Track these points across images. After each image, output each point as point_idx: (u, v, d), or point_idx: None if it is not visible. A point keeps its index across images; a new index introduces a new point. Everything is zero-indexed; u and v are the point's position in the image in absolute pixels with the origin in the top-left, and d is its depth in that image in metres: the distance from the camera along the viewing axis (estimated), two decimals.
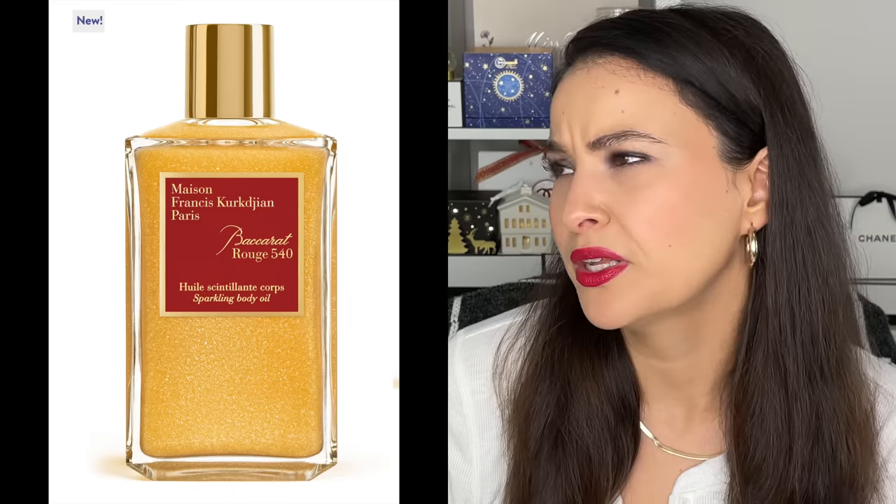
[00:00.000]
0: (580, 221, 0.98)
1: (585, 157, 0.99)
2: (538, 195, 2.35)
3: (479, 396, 1.11)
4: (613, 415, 1.06)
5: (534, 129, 2.25)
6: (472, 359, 1.12)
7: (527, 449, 1.07)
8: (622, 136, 0.97)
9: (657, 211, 0.97)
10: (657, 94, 0.98)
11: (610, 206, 0.98)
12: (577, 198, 0.98)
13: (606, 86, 0.99)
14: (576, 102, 1.00)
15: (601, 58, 1.00)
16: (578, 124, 0.99)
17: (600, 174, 0.98)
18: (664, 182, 0.97)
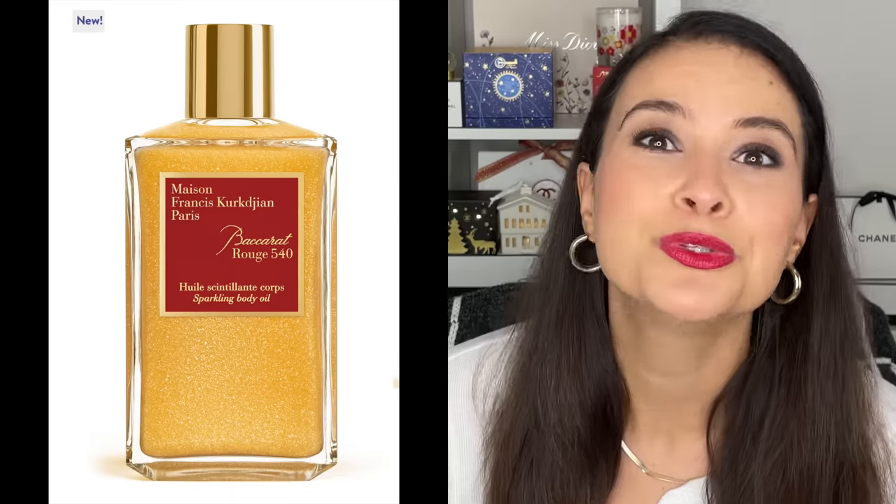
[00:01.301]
0: (715, 203, 0.92)
1: (718, 133, 0.93)
2: (538, 195, 2.35)
3: (459, 419, 1.10)
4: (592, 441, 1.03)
5: (534, 129, 2.25)
6: (453, 381, 1.10)
7: (504, 469, 1.05)
8: (777, 125, 0.94)
9: (780, 217, 0.94)
10: (793, 107, 0.96)
11: (735, 197, 0.93)
12: (715, 178, 0.92)
13: (759, 77, 0.95)
14: (720, 74, 0.95)
15: (746, 48, 0.96)
16: (723, 99, 0.94)
17: (726, 160, 0.94)
18: (787, 191, 0.95)
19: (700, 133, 0.94)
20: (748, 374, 1.01)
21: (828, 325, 0.99)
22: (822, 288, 0.99)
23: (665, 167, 0.93)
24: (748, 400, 1.01)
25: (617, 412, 1.03)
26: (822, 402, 0.99)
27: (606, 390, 1.03)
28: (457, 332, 1.31)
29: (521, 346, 1.06)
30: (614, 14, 2.24)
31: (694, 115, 0.94)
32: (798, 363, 0.99)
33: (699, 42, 0.97)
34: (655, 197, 0.93)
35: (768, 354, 1.01)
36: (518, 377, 1.06)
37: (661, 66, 0.97)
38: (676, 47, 0.97)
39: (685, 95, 0.94)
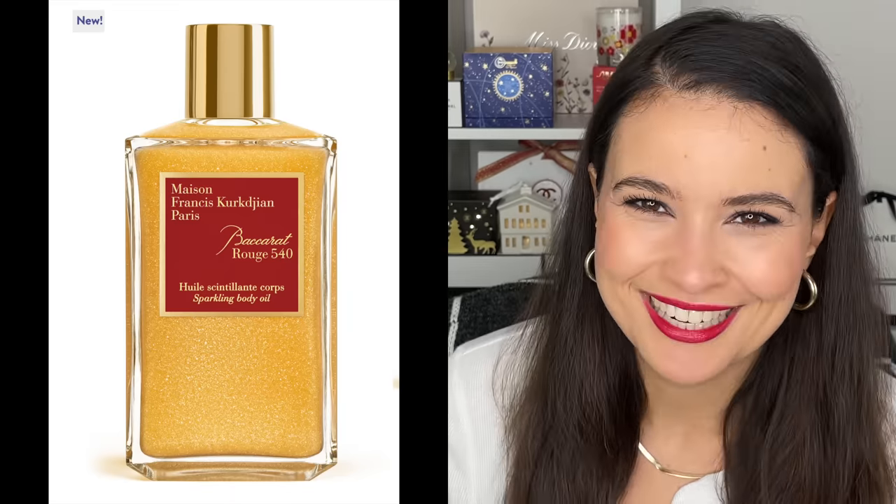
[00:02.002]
0: (706, 287, 0.91)
1: (707, 211, 0.91)
2: (538, 195, 2.35)
3: (476, 413, 1.11)
4: (614, 433, 1.04)
5: (534, 129, 2.25)
6: (470, 375, 1.12)
7: (525, 459, 1.06)
8: (769, 199, 0.91)
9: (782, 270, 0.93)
10: (793, 157, 0.92)
11: (731, 266, 0.92)
12: (703, 262, 0.91)
13: (753, 139, 0.90)
14: (710, 150, 0.89)
15: (742, 102, 0.90)
16: (710, 176, 0.89)
17: (716, 230, 0.91)
18: (788, 241, 0.93)
19: (690, 211, 0.91)
20: (761, 370, 1.01)
21: (843, 324, 0.99)
22: (838, 287, 0.98)
23: (655, 231, 0.93)
24: (759, 393, 1.01)
25: (636, 408, 1.04)
26: (835, 400, 0.99)
27: (629, 386, 1.04)
28: (457, 332, 1.31)
29: (542, 341, 1.07)
30: (614, 14, 2.23)
31: (682, 195, 0.91)
32: (811, 360, 0.99)
33: (689, 97, 0.91)
34: (644, 262, 0.93)
35: (780, 349, 1.00)
36: (540, 371, 1.06)
37: (649, 131, 0.92)
38: (667, 104, 0.91)
39: (672, 177, 0.91)
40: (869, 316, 0.99)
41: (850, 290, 0.98)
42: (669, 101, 0.92)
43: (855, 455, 0.99)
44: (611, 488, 1.04)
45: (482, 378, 1.11)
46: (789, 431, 0.99)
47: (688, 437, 1.05)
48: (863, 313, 0.99)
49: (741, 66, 0.91)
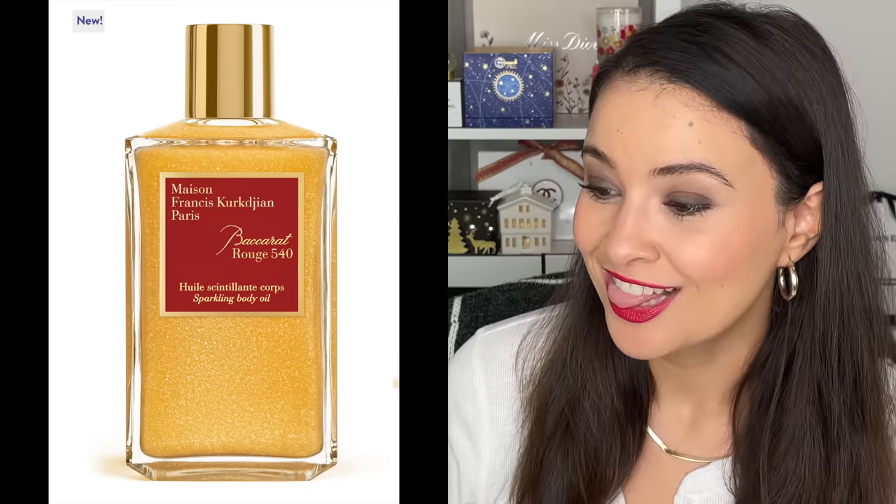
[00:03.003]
0: (629, 260, 0.95)
1: (641, 185, 0.95)
2: (538, 195, 2.36)
3: (493, 390, 1.13)
4: (624, 410, 1.07)
5: (534, 129, 2.26)
6: (490, 353, 1.14)
7: (541, 432, 1.08)
8: (698, 168, 0.94)
9: (715, 255, 0.95)
10: (730, 136, 0.94)
11: (662, 244, 0.95)
12: (629, 233, 0.95)
13: (678, 116, 0.94)
14: (638, 126, 0.95)
15: (671, 83, 0.94)
16: (641, 150, 0.95)
17: (653, 206, 0.95)
18: (724, 227, 0.95)
19: (625, 183, 0.96)
20: (767, 358, 1.02)
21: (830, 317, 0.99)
22: (823, 280, 0.99)
23: (605, 210, 0.98)
24: (764, 382, 1.02)
25: (644, 389, 1.07)
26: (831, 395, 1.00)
27: (637, 369, 1.07)
28: (457, 332, 1.31)
29: (561, 323, 1.09)
30: (614, 14, 2.23)
31: (617, 165, 0.96)
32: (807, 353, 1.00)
33: (628, 79, 0.96)
34: (595, 239, 0.99)
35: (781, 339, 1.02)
36: (557, 351, 1.09)
37: (600, 108, 0.98)
38: (613, 86, 0.97)
39: (610, 148, 0.96)
40: (861, 311, 1.00)
41: (838, 284, 0.99)
42: (615, 84, 0.97)
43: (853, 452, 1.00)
44: (618, 464, 1.06)
45: (502, 357, 1.13)
46: (787, 425, 1.00)
47: (695, 420, 1.07)
48: (853, 308, 1.00)
49: (678, 51, 0.95)
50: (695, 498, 1.05)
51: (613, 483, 1.06)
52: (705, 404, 1.06)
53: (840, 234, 0.99)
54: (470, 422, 1.14)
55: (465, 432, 1.14)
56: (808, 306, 1.00)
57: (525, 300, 1.31)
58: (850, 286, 0.99)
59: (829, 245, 0.99)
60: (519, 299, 1.32)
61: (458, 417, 1.14)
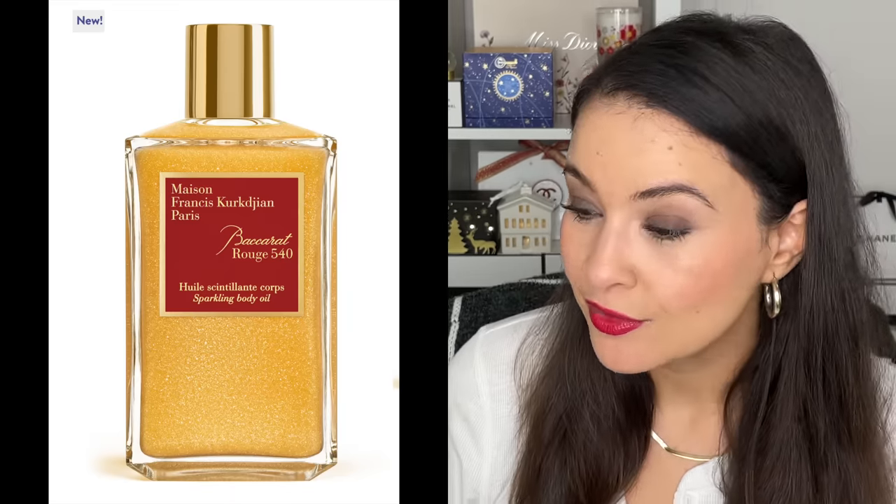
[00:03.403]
0: (609, 285, 0.95)
1: (621, 208, 0.94)
2: (538, 195, 2.35)
3: (495, 388, 1.13)
4: (626, 418, 1.07)
5: (534, 129, 2.25)
6: (492, 352, 1.14)
7: (538, 439, 1.08)
8: (679, 189, 0.93)
9: (693, 282, 0.94)
10: (710, 161, 0.93)
11: (640, 269, 0.95)
12: (609, 257, 0.94)
13: (657, 140, 0.93)
14: (617, 150, 0.94)
15: (648, 108, 0.93)
16: (620, 174, 0.94)
17: (633, 231, 0.95)
18: (703, 252, 0.94)
19: (606, 206, 0.95)
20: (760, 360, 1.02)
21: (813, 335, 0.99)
22: (807, 299, 0.99)
23: (585, 237, 0.97)
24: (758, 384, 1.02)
25: (645, 393, 1.07)
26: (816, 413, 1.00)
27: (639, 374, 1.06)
28: (457, 332, 1.31)
29: (560, 324, 1.09)
30: (614, 14, 2.23)
31: (597, 189, 0.95)
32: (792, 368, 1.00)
33: (606, 102, 0.95)
34: (578, 263, 0.98)
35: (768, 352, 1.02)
36: (555, 356, 1.09)
37: (579, 128, 0.97)
38: (592, 107, 0.96)
39: (589, 170, 0.95)
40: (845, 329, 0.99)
41: (822, 304, 0.99)
42: (593, 105, 0.96)
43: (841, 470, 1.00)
44: (622, 469, 1.06)
45: (504, 355, 1.13)
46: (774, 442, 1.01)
47: (694, 419, 1.07)
48: (837, 327, 0.99)
49: (656, 74, 0.94)
50: (694, 495, 1.06)
51: (617, 489, 1.06)
52: (704, 404, 1.07)
53: (824, 253, 0.98)
54: (472, 419, 1.14)
55: (468, 429, 1.14)
56: (794, 323, 1.00)
57: (525, 300, 1.31)
58: (834, 305, 0.99)
59: (814, 265, 0.98)
60: (519, 299, 1.32)
61: (461, 414, 1.14)
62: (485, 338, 1.16)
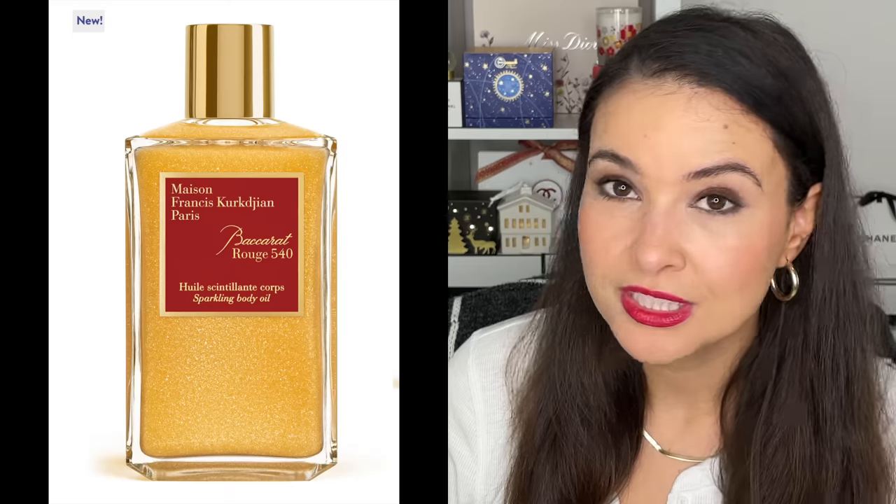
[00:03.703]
0: (662, 267, 0.94)
1: (669, 190, 0.93)
2: (538, 195, 2.35)
3: (488, 393, 1.13)
4: (617, 419, 1.06)
5: (534, 129, 2.25)
6: (485, 356, 1.14)
7: (530, 444, 1.08)
8: (734, 168, 0.93)
9: (739, 260, 0.94)
10: (758, 139, 0.94)
11: (689, 250, 0.94)
12: (661, 239, 0.93)
13: (713, 119, 0.93)
14: (670, 130, 0.93)
15: (702, 87, 0.93)
16: (673, 155, 0.93)
17: (680, 212, 0.94)
18: (750, 231, 0.94)
19: (652, 189, 0.94)
20: (756, 358, 1.03)
21: (827, 315, 1.00)
22: (822, 281, 1.00)
23: (625, 219, 0.95)
24: (753, 382, 1.03)
25: (638, 393, 1.07)
26: (822, 391, 1.00)
27: (628, 372, 1.06)
28: (457, 332, 1.31)
29: (547, 328, 1.09)
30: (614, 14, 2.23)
31: (645, 171, 0.94)
32: (799, 351, 1.01)
33: (651, 83, 0.95)
34: (614, 251, 0.96)
35: (772, 340, 1.02)
36: (544, 358, 1.08)
37: (615, 114, 0.96)
38: (633, 90, 0.95)
39: (636, 153, 0.94)
40: (856, 312, 1.00)
41: (834, 285, 1.00)
42: (634, 87, 0.95)
43: (844, 449, 1.00)
44: (614, 471, 1.06)
45: (496, 359, 1.13)
46: (779, 422, 1.01)
47: (688, 420, 1.07)
48: (848, 309, 1.00)
49: (705, 55, 0.94)
50: (688, 496, 1.06)
51: (609, 491, 1.06)
52: (698, 404, 1.06)
53: (837, 234, 1.00)
54: (466, 424, 1.14)
55: (462, 435, 1.14)
56: (802, 306, 1.00)
57: (525, 300, 1.31)
58: (845, 286, 1.00)
59: (827, 245, 0.99)
60: (519, 299, 1.32)
61: (455, 420, 1.14)
62: (477, 342, 1.15)
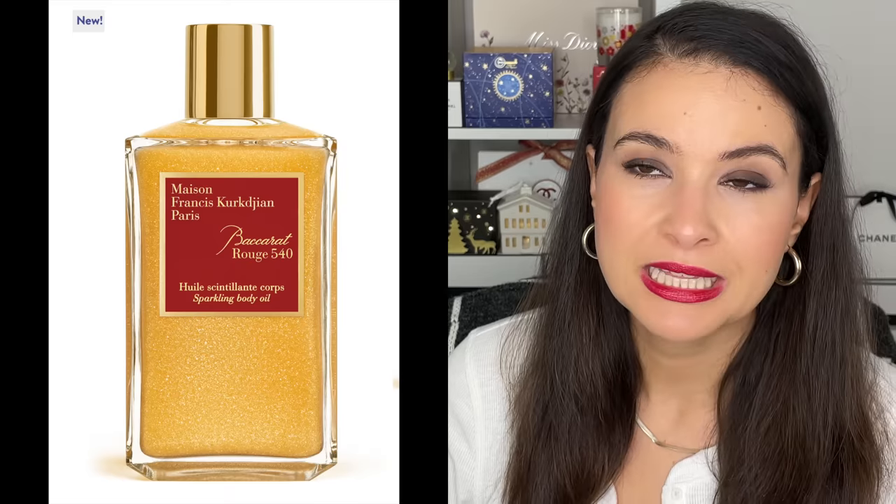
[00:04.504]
0: (697, 240, 0.95)
1: (703, 167, 0.95)
2: (538, 195, 2.35)
3: (486, 389, 1.14)
4: (611, 407, 1.07)
5: (534, 128, 2.25)
6: (481, 353, 1.15)
7: (527, 432, 1.09)
8: (764, 150, 0.95)
9: (766, 238, 0.96)
10: (785, 121, 0.97)
11: (720, 226, 0.96)
12: (698, 213, 0.95)
13: (748, 100, 0.95)
14: (709, 108, 0.95)
15: (738, 68, 0.96)
16: (710, 133, 0.95)
17: (712, 188, 0.96)
18: (776, 210, 0.97)
19: (687, 166, 0.95)
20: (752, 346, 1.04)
21: (825, 300, 1.02)
22: (821, 264, 1.02)
23: (653, 196, 0.97)
24: (747, 367, 1.04)
25: (633, 381, 1.08)
26: (816, 373, 1.02)
27: (624, 360, 1.07)
28: (457, 332, 1.31)
29: (544, 318, 1.10)
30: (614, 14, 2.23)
31: (682, 150, 0.96)
32: (794, 334, 1.02)
33: (689, 62, 0.96)
34: (643, 227, 0.97)
35: (766, 324, 1.04)
36: (540, 347, 1.09)
37: (651, 91, 0.97)
38: (667, 69, 0.97)
39: (673, 132, 0.95)
40: (850, 298, 1.02)
41: (833, 268, 1.02)
42: (669, 66, 0.97)
43: (835, 428, 1.02)
44: (607, 460, 1.07)
45: (492, 356, 1.14)
46: (772, 402, 1.02)
47: (683, 412, 1.08)
48: (845, 292, 1.02)
49: (737, 35, 0.96)
50: (682, 488, 1.06)
51: (602, 480, 1.07)
52: (694, 395, 1.07)
53: (836, 219, 1.02)
54: (465, 421, 1.14)
55: (461, 432, 1.15)
56: (799, 291, 1.02)
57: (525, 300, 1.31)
58: (841, 272, 1.02)
59: (828, 229, 1.02)
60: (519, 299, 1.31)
61: (454, 417, 1.15)
62: (475, 340, 1.17)
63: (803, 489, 1.01)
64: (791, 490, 1.01)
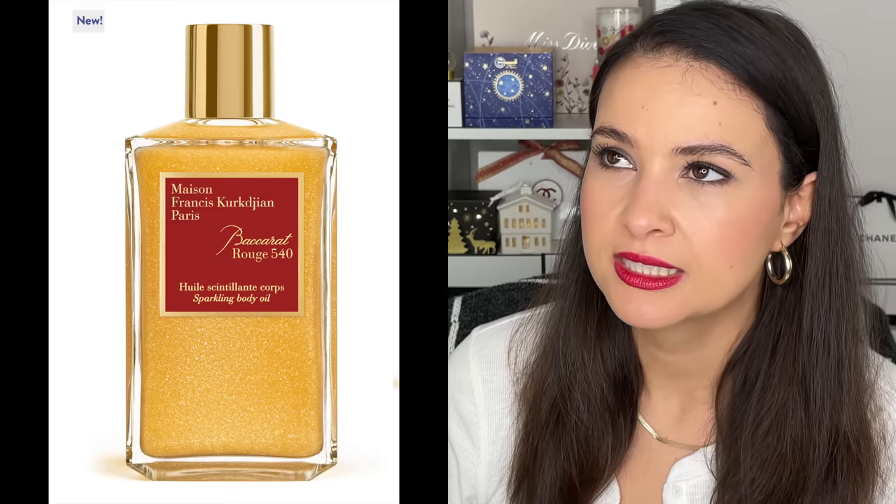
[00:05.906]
0: (650, 230, 0.96)
1: (661, 160, 0.96)
2: (538, 195, 2.36)
3: (489, 385, 1.14)
4: (615, 399, 1.08)
5: (534, 128, 2.26)
6: (485, 350, 1.15)
7: (536, 421, 1.10)
8: (718, 150, 0.96)
9: (728, 233, 0.97)
10: (750, 115, 0.97)
11: (678, 218, 0.97)
12: (650, 204, 0.96)
13: (704, 94, 0.96)
14: (664, 101, 0.96)
15: (697, 61, 0.97)
16: (664, 126, 0.96)
17: (671, 181, 0.97)
18: (741, 204, 0.97)
19: (646, 160, 0.97)
20: (750, 343, 1.04)
21: (819, 301, 1.02)
22: (816, 265, 1.02)
23: (621, 188, 0.98)
24: (747, 367, 1.04)
25: (634, 378, 1.08)
26: (813, 375, 1.02)
27: (626, 359, 1.08)
28: (457, 332, 1.31)
29: (551, 315, 1.11)
30: (614, 14, 2.24)
31: (640, 144, 0.97)
32: (793, 334, 1.03)
33: (652, 57, 0.98)
34: (609, 217, 0.99)
35: (767, 324, 1.04)
36: (548, 342, 1.10)
37: (618, 87, 0.99)
38: (635, 64, 0.99)
39: (631, 126, 0.97)
40: (849, 297, 1.02)
41: (829, 270, 1.02)
42: (637, 61, 0.99)
43: (832, 430, 1.02)
44: (610, 450, 1.08)
45: (497, 352, 1.15)
46: (771, 404, 1.02)
47: (684, 408, 1.09)
48: (841, 293, 1.02)
49: (704, 30, 0.97)
50: (683, 486, 1.07)
51: (606, 470, 1.08)
52: (694, 392, 1.08)
53: (833, 219, 1.01)
54: (468, 417, 1.15)
55: (464, 428, 1.15)
56: (797, 291, 1.02)
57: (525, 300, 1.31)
58: (839, 270, 1.02)
59: (822, 230, 1.01)
60: (519, 299, 1.32)
61: (457, 413, 1.15)
62: (478, 337, 1.17)
63: (799, 491, 1.01)
64: (787, 493, 1.01)
